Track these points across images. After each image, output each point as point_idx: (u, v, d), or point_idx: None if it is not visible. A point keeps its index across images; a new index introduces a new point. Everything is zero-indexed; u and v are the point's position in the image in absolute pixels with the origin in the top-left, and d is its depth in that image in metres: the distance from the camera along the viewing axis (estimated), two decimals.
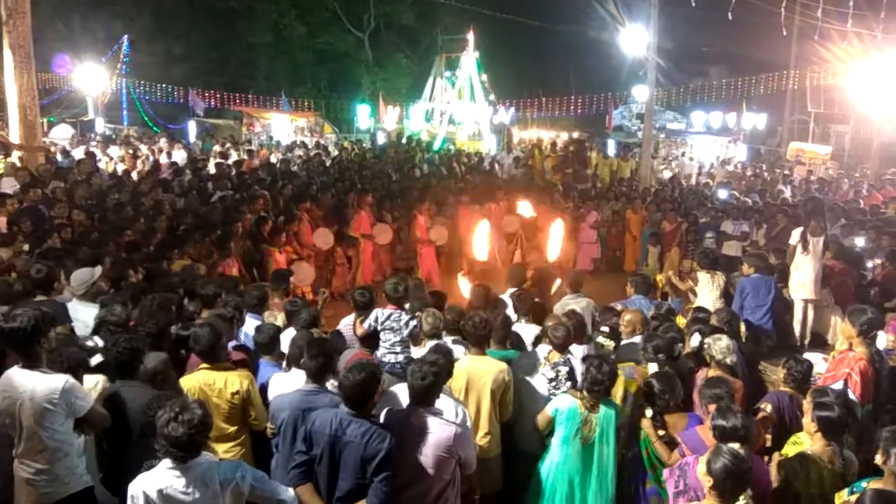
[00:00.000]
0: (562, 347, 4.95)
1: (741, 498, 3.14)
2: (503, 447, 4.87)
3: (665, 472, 4.01)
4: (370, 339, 5.49)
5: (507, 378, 4.72)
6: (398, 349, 5.43)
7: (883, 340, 5.22)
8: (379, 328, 5.49)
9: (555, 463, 4.50)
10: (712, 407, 3.99)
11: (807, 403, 4.08)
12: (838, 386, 4.97)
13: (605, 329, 5.55)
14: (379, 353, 5.46)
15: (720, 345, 4.99)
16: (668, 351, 4.98)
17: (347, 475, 3.64)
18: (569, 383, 4.74)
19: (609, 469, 4.43)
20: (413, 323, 5.52)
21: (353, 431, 3.63)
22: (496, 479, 4.84)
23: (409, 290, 5.85)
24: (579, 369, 4.69)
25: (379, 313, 5.52)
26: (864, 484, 3.51)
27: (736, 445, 3.45)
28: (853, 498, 3.43)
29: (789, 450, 4.08)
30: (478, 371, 4.71)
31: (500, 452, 4.84)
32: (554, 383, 4.82)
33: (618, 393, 4.85)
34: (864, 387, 4.99)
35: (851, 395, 4.95)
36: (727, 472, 3.14)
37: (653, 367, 4.85)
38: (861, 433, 4.38)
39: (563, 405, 4.46)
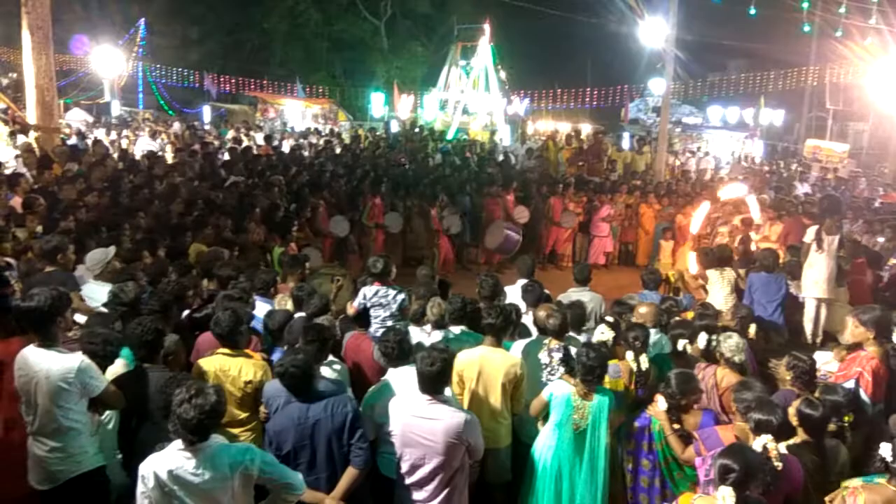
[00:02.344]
0: (557, 334, 5.02)
1: (720, 492, 3.17)
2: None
3: (697, 460, 4.06)
4: (362, 318, 5.61)
5: (519, 372, 4.73)
6: (389, 323, 5.53)
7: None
8: (368, 305, 5.60)
9: (546, 447, 4.54)
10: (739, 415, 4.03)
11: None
12: (850, 384, 4.96)
13: (610, 319, 5.58)
14: (371, 329, 5.58)
15: (730, 343, 5.00)
16: (646, 339, 5.01)
17: (325, 450, 3.77)
18: (562, 369, 4.78)
19: (600, 457, 4.45)
20: (401, 297, 5.65)
21: (314, 412, 3.78)
22: (506, 469, 4.86)
23: (390, 266, 5.97)
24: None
25: (367, 291, 5.71)
26: (878, 479, 3.53)
27: (768, 438, 3.59)
28: (860, 485, 3.49)
29: None
30: (490, 362, 4.72)
31: (511, 444, 4.86)
32: (549, 369, 4.89)
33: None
34: (875, 385, 4.98)
35: (863, 394, 4.94)
36: (725, 469, 3.22)
37: (630, 356, 4.89)
38: (872, 431, 4.37)
39: (557, 391, 4.49)
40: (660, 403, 4.40)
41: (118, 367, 4.34)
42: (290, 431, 3.76)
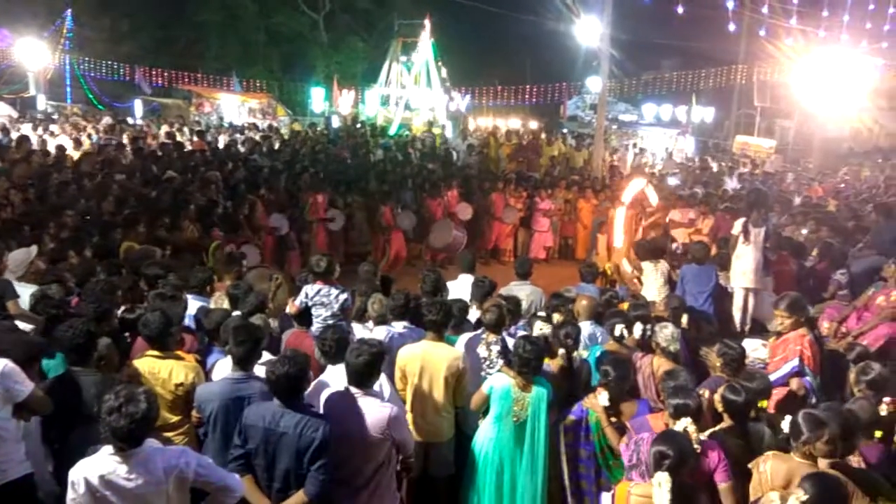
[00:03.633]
0: (495, 328, 5.07)
1: (656, 478, 3.28)
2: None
3: (622, 446, 4.15)
4: (304, 317, 5.55)
5: (461, 365, 4.77)
6: (331, 322, 5.47)
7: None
8: (310, 304, 5.56)
9: (486, 440, 4.60)
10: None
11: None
12: (793, 363, 5.24)
13: (542, 314, 5.69)
14: (313, 328, 5.52)
15: (665, 333, 5.16)
16: (577, 336, 5.11)
17: (284, 466, 3.66)
18: (501, 361, 4.85)
19: (540, 448, 4.53)
20: (343, 296, 5.62)
21: (286, 423, 3.63)
22: (449, 462, 4.89)
23: (333, 266, 5.92)
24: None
25: (308, 289, 5.63)
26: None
27: (688, 421, 3.71)
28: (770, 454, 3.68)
29: None
30: (432, 357, 4.75)
31: (454, 437, 4.90)
32: (487, 362, 4.95)
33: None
34: (814, 360, 5.33)
35: (808, 372, 5.20)
36: (661, 455, 3.35)
37: (562, 353, 4.97)
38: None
39: (497, 384, 4.55)
40: (601, 398, 4.46)
41: None
42: (258, 429, 3.66)
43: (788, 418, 3.61)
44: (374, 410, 3.86)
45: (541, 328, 5.35)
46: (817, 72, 20.16)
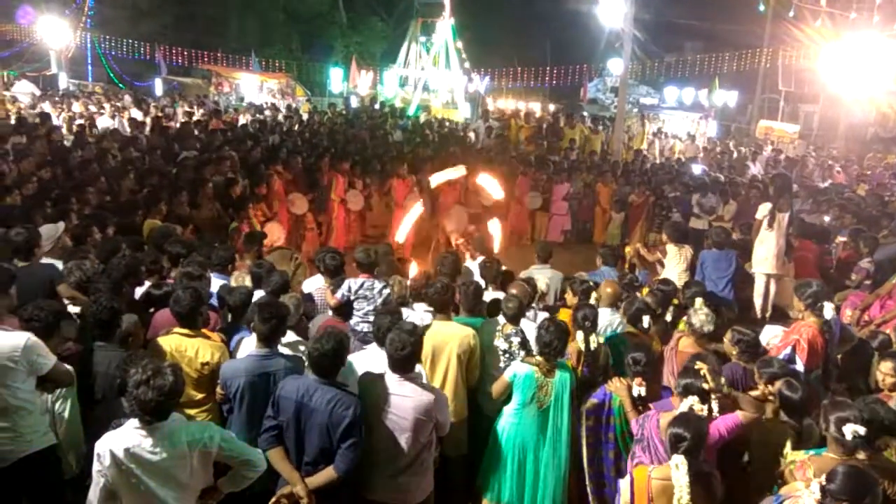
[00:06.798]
0: (513, 319, 5.03)
1: (673, 460, 3.31)
2: (468, 411, 4.93)
3: (633, 421, 4.19)
4: (343, 308, 5.51)
5: (472, 343, 4.77)
6: (372, 318, 5.41)
7: (830, 311, 5.38)
8: (352, 297, 5.51)
9: (510, 425, 4.59)
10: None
11: (756, 372, 4.37)
12: (786, 352, 5.15)
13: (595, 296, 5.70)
14: (352, 321, 5.49)
15: (700, 316, 5.12)
16: (595, 319, 5.06)
17: (314, 441, 3.67)
18: (522, 352, 4.81)
19: (563, 433, 4.53)
20: (386, 291, 5.57)
21: (318, 398, 3.64)
22: (462, 442, 4.90)
23: (377, 259, 5.88)
24: (533, 336, 4.74)
25: (352, 283, 5.55)
26: (825, 452, 3.64)
27: (694, 399, 3.74)
28: (807, 458, 3.63)
29: None
30: (444, 336, 4.75)
31: (467, 416, 4.90)
32: (507, 355, 4.90)
33: None
34: (811, 353, 5.17)
35: (798, 361, 5.13)
36: (677, 438, 3.37)
37: (580, 336, 4.91)
38: (811, 398, 4.52)
39: (520, 371, 4.53)
40: (637, 391, 4.39)
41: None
42: (291, 402, 3.68)
43: (850, 426, 3.49)
44: (418, 393, 3.87)
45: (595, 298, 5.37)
46: (845, 55, 19.70)
